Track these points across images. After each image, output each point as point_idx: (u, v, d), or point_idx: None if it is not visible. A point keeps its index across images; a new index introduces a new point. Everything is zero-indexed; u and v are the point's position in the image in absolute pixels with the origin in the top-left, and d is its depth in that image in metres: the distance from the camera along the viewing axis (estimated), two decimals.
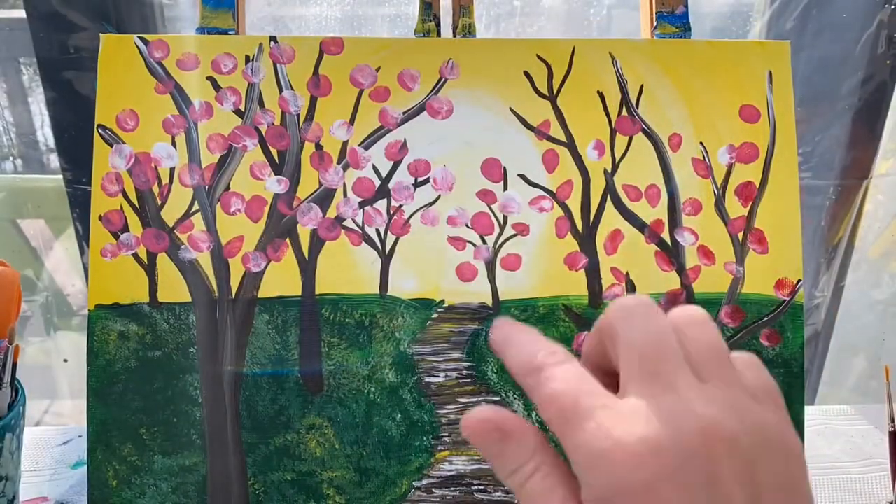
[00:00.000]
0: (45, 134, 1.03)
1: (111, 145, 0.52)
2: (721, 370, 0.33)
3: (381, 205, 0.52)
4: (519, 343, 0.36)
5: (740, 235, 0.53)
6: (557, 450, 0.34)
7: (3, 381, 0.57)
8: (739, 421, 0.32)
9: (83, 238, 0.92)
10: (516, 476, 0.34)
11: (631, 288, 0.53)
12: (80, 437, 0.77)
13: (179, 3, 0.89)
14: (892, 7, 0.83)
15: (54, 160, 1.01)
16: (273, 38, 0.53)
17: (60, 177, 0.90)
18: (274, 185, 0.52)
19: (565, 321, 0.53)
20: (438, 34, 0.55)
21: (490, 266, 0.52)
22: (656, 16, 0.55)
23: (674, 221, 0.53)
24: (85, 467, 0.71)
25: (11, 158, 1.04)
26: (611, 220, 0.53)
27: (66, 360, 1.13)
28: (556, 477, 0.34)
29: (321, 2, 0.88)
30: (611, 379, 0.34)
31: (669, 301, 0.53)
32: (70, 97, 0.86)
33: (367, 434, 0.52)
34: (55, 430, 0.79)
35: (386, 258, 0.52)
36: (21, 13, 0.84)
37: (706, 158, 0.53)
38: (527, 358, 0.35)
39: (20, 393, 0.60)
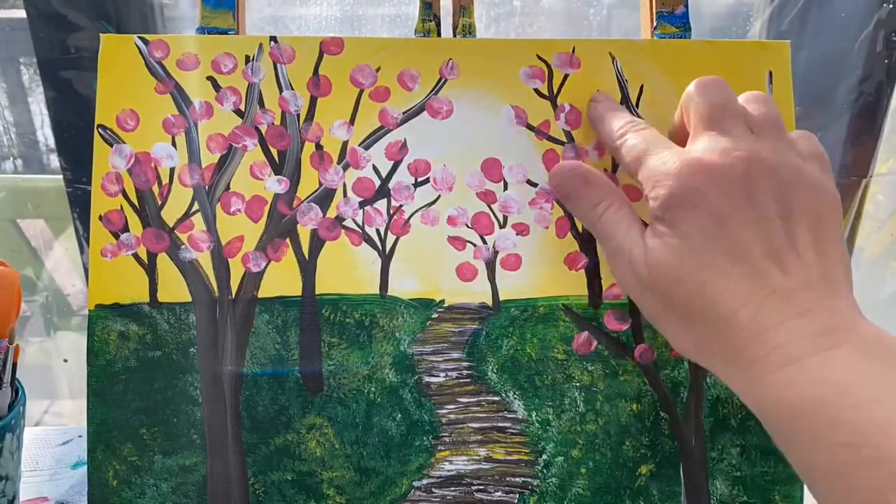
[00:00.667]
0: (45, 134, 1.03)
1: (111, 145, 0.52)
2: (774, 131, 0.43)
3: (382, 205, 0.52)
4: (610, 117, 0.49)
5: None
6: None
7: (3, 381, 0.57)
8: (780, 159, 0.41)
9: (83, 238, 0.92)
10: (595, 211, 0.47)
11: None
12: (80, 437, 0.77)
13: (179, 3, 0.89)
14: (891, 6, 0.83)
15: (54, 160, 1.02)
16: (273, 38, 0.53)
17: (60, 177, 0.90)
18: (274, 184, 0.52)
19: (565, 321, 0.53)
20: (438, 34, 0.55)
21: (490, 266, 0.52)
22: (656, 16, 0.55)
23: None
24: (85, 467, 0.71)
25: (11, 158, 1.04)
26: None
27: (66, 360, 1.13)
28: (625, 210, 0.46)
29: (321, 1, 0.88)
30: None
31: None
32: (70, 97, 0.86)
33: (368, 434, 0.52)
34: (55, 430, 0.79)
35: (386, 258, 0.52)
36: (21, 13, 0.84)
37: None
38: (615, 127, 0.48)
39: (20, 393, 0.60)
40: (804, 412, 0.36)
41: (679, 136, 0.47)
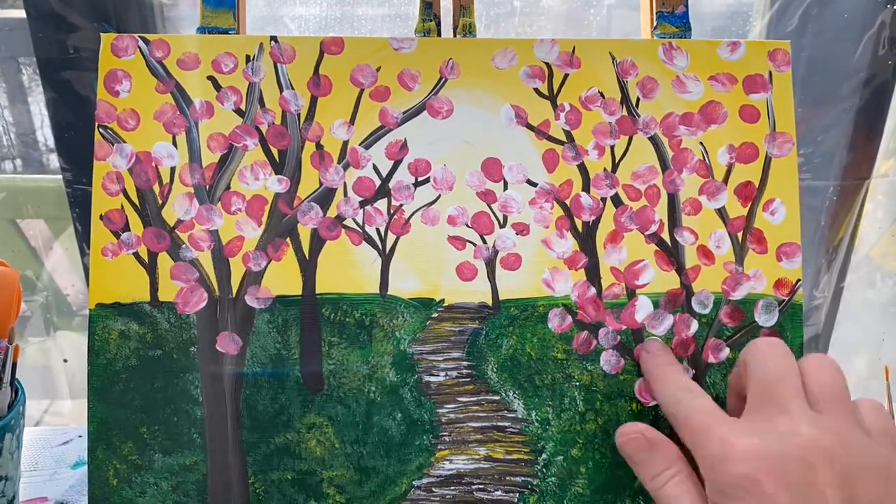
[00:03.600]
0: (44, 134, 1.03)
1: (112, 144, 0.52)
2: (836, 405, 0.41)
3: (382, 204, 0.52)
4: (664, 379, 0.48)
5: (740, 235, 0.53)
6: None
7: (3, 380, 0.57)
8: (840, 442, 0.38)
9: (83, 238, 0.92)
10: (658, 479, 0.44)
11: (630, 287, 0.53)
12: (79, 437, 0.77)
13: (179, 2, 0.89)
14: (894, 8, 0.83)
15: (54, 160, 1.01)
16: (273, 38, 0.53)
17: (60, 177, 0.90)
18: (274, 184, 0.52)
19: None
20: (439, 34, 0.55)
21: (490, 265, 0.52)
22: (656, 16, 0.55)
23: (673, 221, 0.53)
24: (84, 467, 0.71)
25: (11, 158, 1.04)
26: (610, 219, 0.53)
27: (65, 360, 1.13)
28: (689, 483, 0.43)
29: (321, 1, 0.88)
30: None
31: (669, 300, 0.53)
32: (70, 97, 0.86)
33: (367, 433, 0.52)
34: (55, 430, 0.79)
35: (386, 257, 0.52)
36: (21, 13, 0.84)
37: (706, 158, 0.53)
38: (671, 393, 0.46)
39: (20, 393, 0.60)
40: None
41: (737, 397, 0.46)
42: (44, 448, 0.75)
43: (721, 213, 0.53)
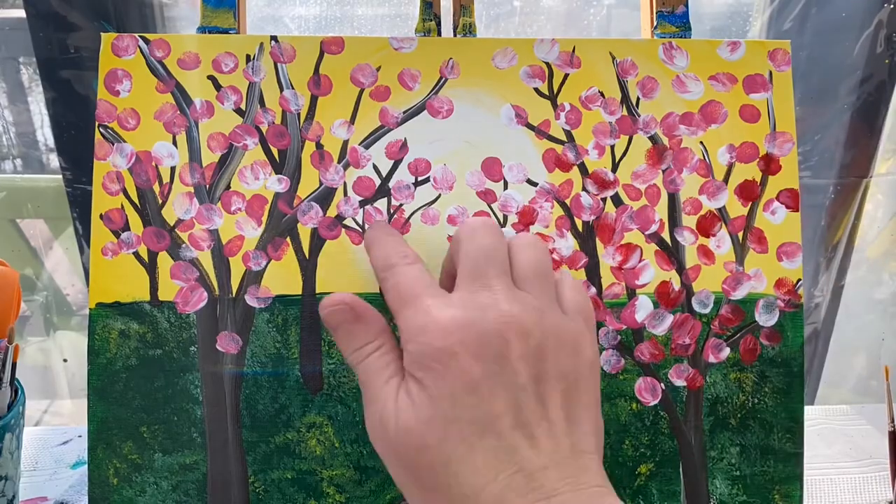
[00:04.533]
0: (44, 134, 1.03)
1: (112, 144, 0.52)
2: (537, 282, 0.42)
3: (382, 204, 0.52)
4: (382, 244, 0.45)
5: (740, 235, 0.53)
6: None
7: (3, 380, 0.57)
8: (538, 318, 0.39)
9: (83, 238, 0.92)
10: (360, 353, 0.42)
11: (630, 287, 0.53)
12: (79, 436, 0.77)
13: (179, 2, 0.89)
14: (892, 7, 0.83)
15: (54, 160, 1.02)
16: (274, 38, 0.53)
17: (60, 177, 0.90)
18: (274, 184, 0.52)
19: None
20: (439, 33, 0.55)
21: None
22: (657, 15, 0.55)
23: (673, 221, 0.53)
24: (84, 467, 0.72)
25: (11, 158, 1.04)
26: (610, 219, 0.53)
27: (65, 360, 1.13)
28: (391, 356, 0.42)
29: (321, 1, 0.88)
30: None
31: (660, 296, 0.53)
32: (70, 97, 0.86)
33: (367, 432, 0.52)
34: (55, 430, 0.79)
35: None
36: (20, 13, 0.84)
37: (706, 158, 0.53)
38: (385, 257, 0.44)
39: (20, 393, 0.60)
40: None
41: (449, 277, 0.45)
42: (44, 448, 0.75)
43: (721, 212, 0.53)
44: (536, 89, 0.53)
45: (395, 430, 0.39)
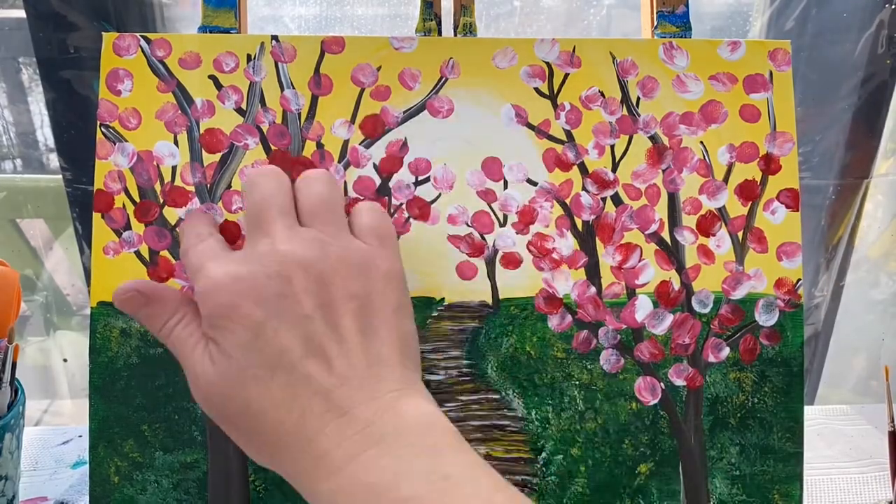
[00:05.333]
0: (44, 134, 1.03)
1: (114, 143, 0.52)
2: (323, 215, 0.43)
3: (382, 203, 0.52)
4: (184, 233, 0.46)
5: (740, 235, 0.53)
6: None
7: (3, 380, 0.57)
8: (321, 251, 0.41)
9: (83, 238, 0.92)
10: (165, 329, 0.44)
11: (630, 287, 0.53)
12: (79, 436, 0.77)
13: (179, 1, 0.89)
14: (893, 7, 0.83)
15: (54, 160, 1.02)
16: (275, 38, 0.53)
17: (60, 177, 0.90)
18: None
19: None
20: (439, 33, 0.55)
21: (490, 264, 0.53)
22: (657, 15, 0.55)
23: (673, 220, 0.53)
24: (84, 467, 0.72)
25: (11, 158, 1.04)
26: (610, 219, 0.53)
27: (65, 360, 1.13)
28: (195, 324, 0.43)
29: (321, 1, 0.88)
30: None
31: (660, 296, 0.53)
32: (69, 97, 0.86)
33: None
34: (55, 430, 0.79)
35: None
36: (20, 13, 0.84)
37: (706, 158, 0.53)
38: (183, 246, 0.45)
39: (20, 392, 0.60)
40: None
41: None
42: (44, 448, 0.75)
43: (721, 212, 0.53)
44: (537, 89, 0.53)
45: (204, 389, 0.40)
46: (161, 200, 0.52)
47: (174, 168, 0.52)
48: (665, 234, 0.53)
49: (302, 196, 0.44)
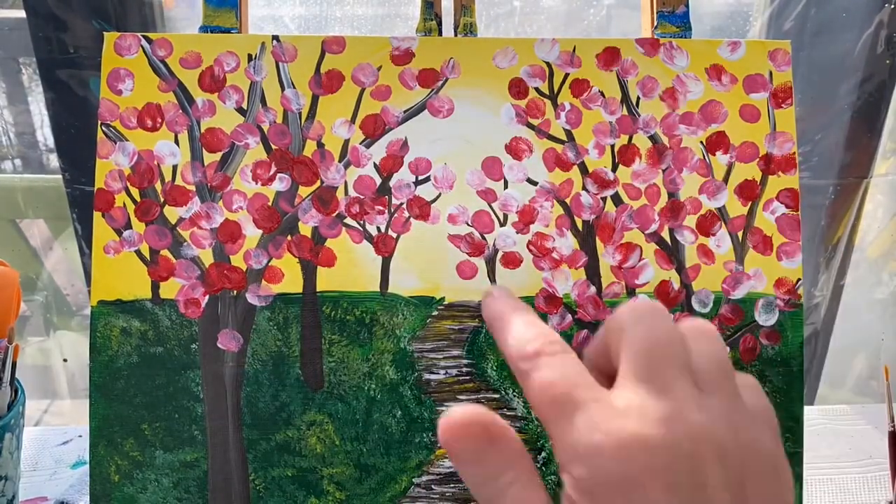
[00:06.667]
0: (44, 134, 1.03)
1: (115, 143, 0.52)
2: (722, 383, 0.32)
3: (382, 203, 0.52)
4: (516, 324, 0.34)
5: (740, 234, 0.53)
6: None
7: (3, 380, 0.57)
8: (733, 432, 0.31)
9: (83, 238, 0.92)
10: (495, 484, 0.32)
11: (630, 286, 0.53)
12: (79, 436, 0.77)
13: (179, 2, 0.89)
14: (892, 7, 0.83)
15: (54, 160, 1.02)
16: (276, 37, 0.53)
17: (60, 177, 0.90)
18: (276, 182, 0.52)
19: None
20: (440, 33, 0.55)
21: (490, 264, 0.53)
22: (657, 15, 0.56)
23: (674, 220, 0.53)
24: (84, 467, 0.72)
25: (11, 158, 1.04)
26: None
27: (65, 360, 1.13)
28: (533, 487, 0.32)
29: (321, 1, 0.88)
30: (609, 383, 0.32)
31: (660, 296, 0.53)
32: (69, 97, 0.86)
33: (368, 430, 0.52)
34: (55, 430, 0.79)
35: (387, 256, 0.52)
36: (20, 13, 0.84)
37: (706, 157, 0.53)
38: (524, 342, 0.33)
39: (19, 392, 0.60)
40: None
41: (601, 364, 0.35)
42: (44, 448, 0.75)
43: (721, 211, 0.53)
44: (537, 89, 0.53)
45: None
46: (161, 199, 0.52)
47: (175, 167, 0.52)
48: (665, 234, 0.53)
49: (696, 352, 0.33)
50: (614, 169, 0.53)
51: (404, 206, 0.52)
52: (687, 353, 0.33)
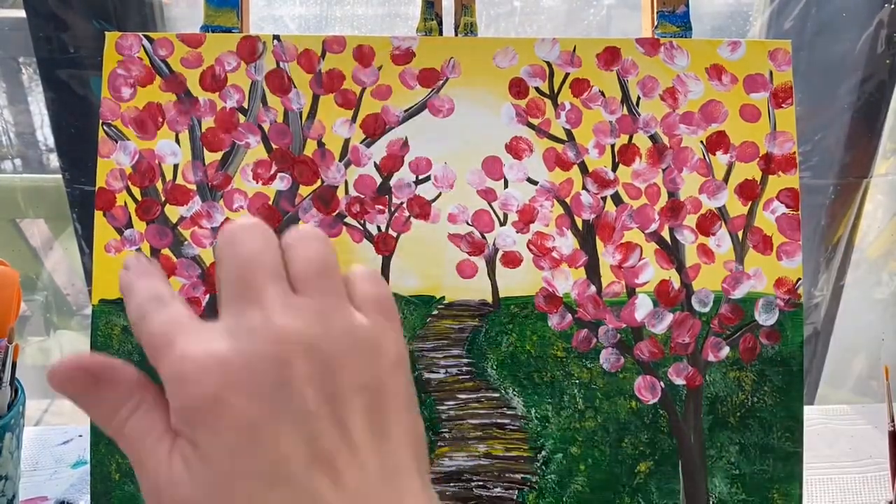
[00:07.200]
0: (44, 134, 1.03)
1: (116, 142, 0.52)
2: (320, 282, 0.34)
3: (383, 202, 0.52)
4: (136, 290, 0.35)
5: (740, 234, 0.53)
6: None
7: (3, 380, 0.57)
8: (323, 327, 0.32)
9: (83, 237, 0.92)
10: (116, 419, 0.33)
11: (630, 286, 0.53)
12: (80, 436, 0.77)
13: (179, 2, 0.89)
14: (892, 6, 0.83)
15: (54, 160, 1.02)
16: (276, 37, 0.53)
17: (60, 177, 0.90)
18: (276, 182, 0.52)
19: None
20: (440, 33, 0.55)
21: (490, 263, 0.53)
22: (658, 15, 0.56)
23: (674, 220, 0.53)
24: (84, 467, 0.71)
25: (11, 158, 1.04)
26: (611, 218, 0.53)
27: None
28: (156, 412, 0.33)
29: (321, 1, 0.88)
30: None
31: (660, 295, 0.53)
32: (69, 97, 0.86)
33: None
34: (55, 430, 0.79)
35: (387, 255, 0.52)
36: (21, 13, 0.84)
37: (706, 157, 0.53)
38: (137, 307, 0.34)
39: (20, 392, 0.60)
40: None
41: None
42: (44, 448, 0.75)
43: (721, 211, 0.53)
44: (537, 88, 0.53)
45: (173, 502, 0.31)
46: (162, 199, 0.52)
47: (176, 167, 0.52)
48: (665, 234, 0.53)
49: (294, 257, 0.35)
50: (614, 168, 0.53)
51: (404, 205, 0.53)
52: (279, 261, 0.34)
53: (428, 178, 0.53)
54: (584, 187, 0.53)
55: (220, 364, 0.30)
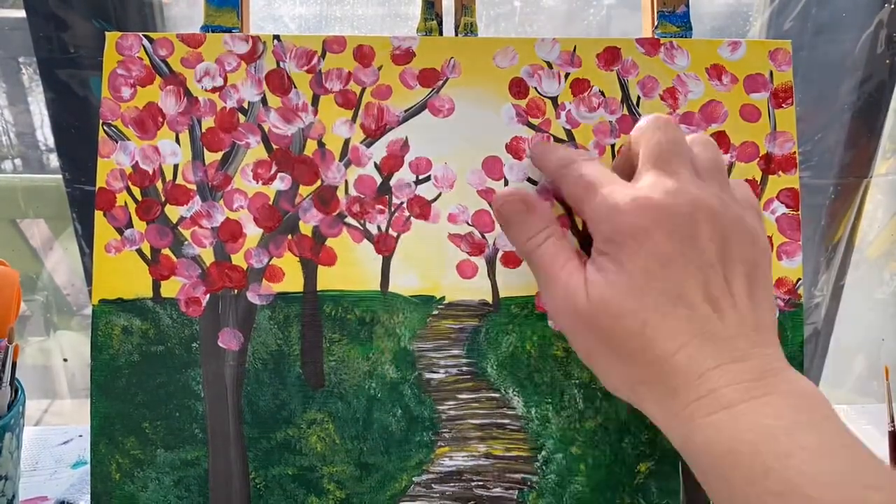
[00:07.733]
0: (44, 134, 1.03)
1: (116, 142, 0.52)
2: (717, 175, 0.44)
3: (383, 202, 0.52)
4: (555, 149, 0.49)
5: None
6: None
7: (3, 380, 0.57)
8: (723, 207, 0.41)
9: (83, 238, 0.92)
10: (534, 240, 0.45)
11: None
12: (80, 436, 0.77)
13: (179, 2, 0.89)
14: (892, 6, 0.83)
15: (54, 160, 1.02)
16: (276, 37, 0.53)
17: (60, 177, 0.90)
18: (276, 182, 0.52)
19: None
20: (440, 33, 0.55)
21: (490, 263, 0.53)
22: (658, 15, 0.56)
23: None
24: (84, 467, 0.72)
25: (11, 158, 1.04)
26: None
27: (65, 360, 1.13)
28: (564, 242, 0.45)
29: (321, 1, 0.88)
30: None
31: None
32: (69, 97, 0.86)
33: (368, 429, 0.52)
34: (55, 430, 0.79)
35: (387, 255, 0.52)
36: (21, 13, 0.85)
37: None
38: (562, 157, 0.47)
39: (20, 392, 0.60)
40: (736, 457, 0.37)
41: (624, 169, 0.47)
42: (44, 448, 0.75)
43: None
44: (537, 88, 0.53)
45: (586, 301, 0.41)
46: (163, 199, 0.52)
47: (176, 166, 0.52)
48: None
49: (700, 153, 0.44)
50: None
51: (405, 205, 0.53)
52: (690, 152, 0.44)
53: (428, 178, 0.53)
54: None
55: (652, 206, 0.40)
